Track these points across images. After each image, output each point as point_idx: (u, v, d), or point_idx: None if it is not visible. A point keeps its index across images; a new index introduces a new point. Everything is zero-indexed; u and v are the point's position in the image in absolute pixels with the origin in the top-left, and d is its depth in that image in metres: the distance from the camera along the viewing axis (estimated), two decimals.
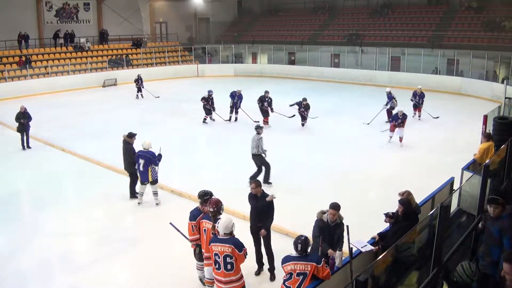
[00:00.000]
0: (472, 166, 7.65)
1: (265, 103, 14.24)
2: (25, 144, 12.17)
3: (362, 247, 4.72)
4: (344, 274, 4.63)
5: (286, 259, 4.38)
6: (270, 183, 9.11)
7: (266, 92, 14.38)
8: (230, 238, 4.70)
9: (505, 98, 13.02)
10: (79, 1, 26.19)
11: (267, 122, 14.32)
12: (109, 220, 7.91)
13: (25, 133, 12.14)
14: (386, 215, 5.35)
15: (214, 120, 15.15)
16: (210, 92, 14.76)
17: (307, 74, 25.33)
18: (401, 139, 12.02)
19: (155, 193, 8.35)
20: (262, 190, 5.84)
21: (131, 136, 8.67)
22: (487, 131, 9.08)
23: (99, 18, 27.11)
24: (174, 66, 27.05)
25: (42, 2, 24.51)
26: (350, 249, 4.55)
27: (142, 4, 28.43)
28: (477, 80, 19.47)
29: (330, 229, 5.02)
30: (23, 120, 11.98)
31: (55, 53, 24.08)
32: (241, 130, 13.87)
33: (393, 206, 5.48)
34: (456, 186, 7.07)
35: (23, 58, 22.06)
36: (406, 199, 5.30)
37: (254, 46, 28.89)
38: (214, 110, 14.92)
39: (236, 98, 14.95)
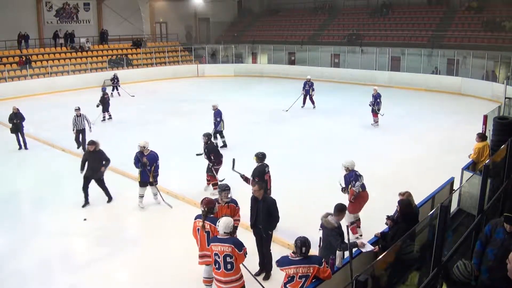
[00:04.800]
0: (472, 166, 7.65)
1: (210, 154, 8.66)
2: (21, 144, 12.16)
3: (362, 247, 4.73)
4: (344, 274, 4.63)
5: (286, 262, 4.30)
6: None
7: (206, 134, 8.89)
8: (230, 238, 4.71)
9: (505, 98, 13.03)
10: (79, 1, 26.20)
11: (211, 181, 8.75)
12: (109, 220, 7.91)
13: (20, 134, 12.12)
14: (388, 217, 5.35)
15: (111, 118, 15.55)
16: (104, 88, 16.36)
17: (307, 74, 25.25)
18: None
19: (140, 196, 8.26)
20: (263, 193, 5.78)
21: (90, 143, 8.45)
22: (483, 131, 9.10)
23: (99, 18, 27.12)
24: (174, 66, 27.06)
25: (42, 2, 24.51)
26: (350, 249, 4.56)
27: (142, 4, 28.44)
28: (477, 80, 19.47)
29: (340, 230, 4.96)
30: (16, 120, 11.98)
31: (55, 53, 24.08)
32: (241, 131, 13.86)
33: (393, 207, 5.47)
34: (456, 186, 7.07)
35: (23, 58, 22.07)
36: (407, 200, 5.29)
37: (254, 46, 28.90)
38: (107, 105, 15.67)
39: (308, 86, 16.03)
